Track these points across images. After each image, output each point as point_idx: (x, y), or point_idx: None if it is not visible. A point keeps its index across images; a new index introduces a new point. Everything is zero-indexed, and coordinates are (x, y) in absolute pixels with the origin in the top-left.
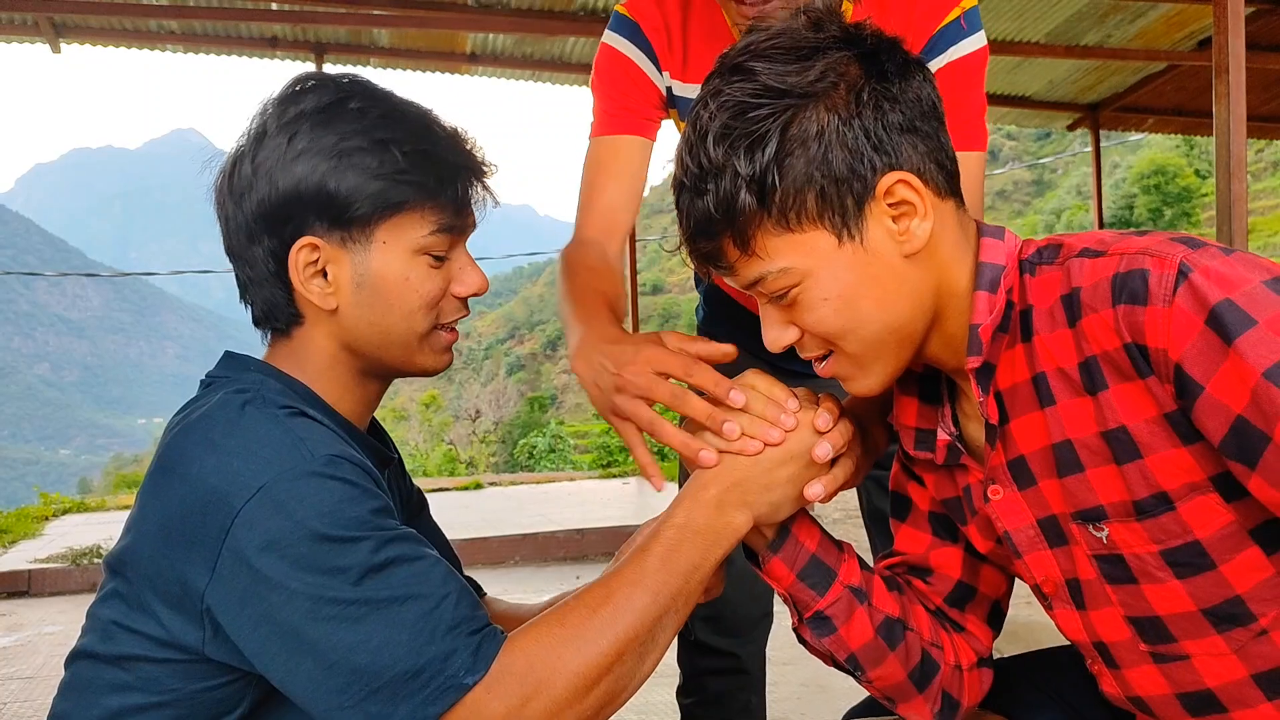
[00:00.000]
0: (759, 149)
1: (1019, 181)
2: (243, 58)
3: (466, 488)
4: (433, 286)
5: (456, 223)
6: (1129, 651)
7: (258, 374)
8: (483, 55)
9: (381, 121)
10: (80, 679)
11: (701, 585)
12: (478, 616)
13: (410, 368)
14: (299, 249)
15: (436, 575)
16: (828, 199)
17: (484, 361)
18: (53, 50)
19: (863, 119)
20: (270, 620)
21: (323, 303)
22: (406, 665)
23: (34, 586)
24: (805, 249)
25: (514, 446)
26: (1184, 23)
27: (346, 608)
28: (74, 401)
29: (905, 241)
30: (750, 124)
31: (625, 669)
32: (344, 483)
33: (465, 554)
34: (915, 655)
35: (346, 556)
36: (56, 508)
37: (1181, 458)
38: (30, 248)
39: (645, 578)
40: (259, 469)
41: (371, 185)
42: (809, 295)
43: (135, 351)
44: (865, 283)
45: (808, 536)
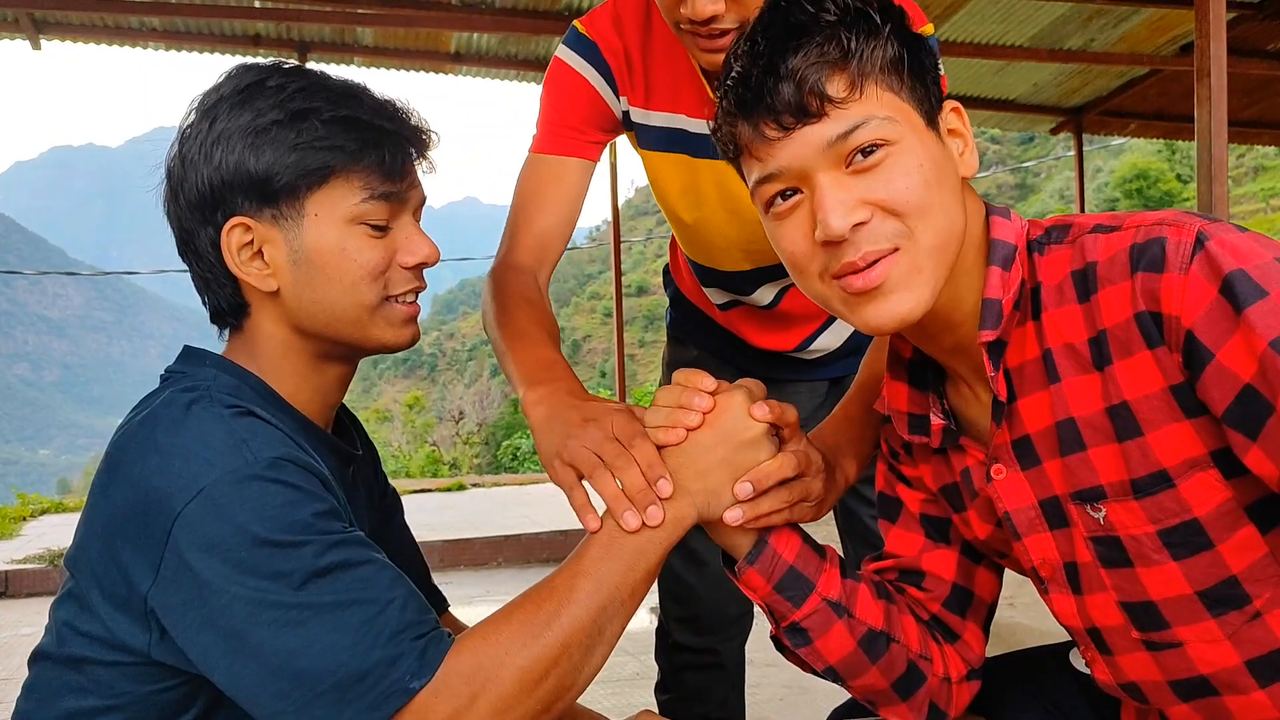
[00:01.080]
0: (882, 18)
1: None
2: (226, 55)
3: (450, 489)
4: (373, 256)
5: (391, 189)
6: (1122, 638)
7: (213, 369)
8: (467, 55)
9: (299, 94)
10: (40, 680)
11: (648, 575)
12: (425, 620)
13: (368, 344)
14: (229, 230)
15: (383, 579)
16: (918, 88)
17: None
18: (33, 46)
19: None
20: (213, 624)
21: (262, 285)
22: (351, 670)
23: (11, 587)
24: (907, 113)
25: (497, 448)
26: (1167, 27)
27: (289, 611)
28: (54, 401)
29: (962, 162)
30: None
31: (572, 662)
32: (286, 486)
33: (448, 555)
34: (900, 667)
35: (289, 561)
36: (35, 508)
37: (1183, 432)
38: (10, 246)
39: (588, 568)
40: (200, 470)
41: (290, 156)
42: (902, 161)
43: (116, 351)
44: (942, 175)
45: (786, 547)
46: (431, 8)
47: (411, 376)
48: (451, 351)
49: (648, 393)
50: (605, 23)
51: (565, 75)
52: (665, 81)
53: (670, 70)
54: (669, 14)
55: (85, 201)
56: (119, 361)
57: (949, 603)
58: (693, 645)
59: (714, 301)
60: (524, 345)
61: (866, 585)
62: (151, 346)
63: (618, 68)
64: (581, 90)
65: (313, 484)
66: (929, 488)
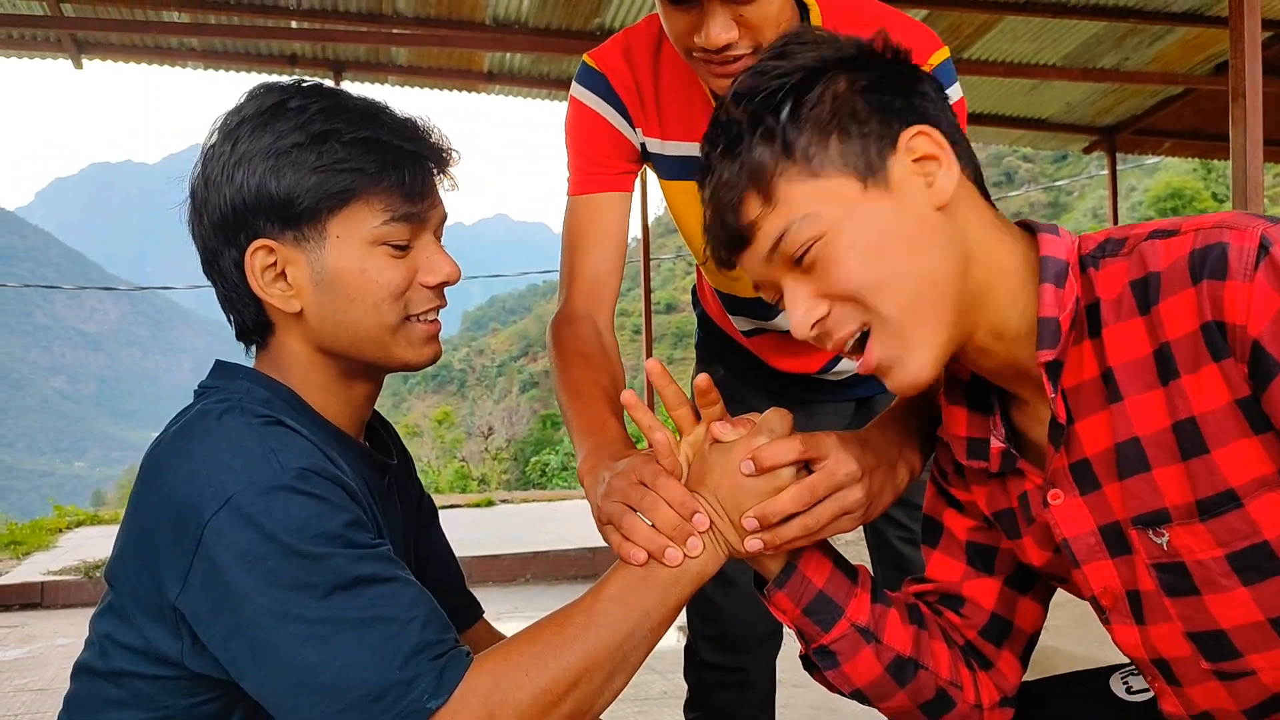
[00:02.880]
0: (782, 99)
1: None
2: (263, 75)
3: (478, 504)
4: (395, 276)
5: (411, 209)
6: (1191, 669)
7: (246, 381)
8: (500, 74)
9: (320, 116)
10: (81, 694)
11: (678, 605)
12: (445, 640)
13: (391, 362)
14: (253, 253)
15: (406, 597)
16: (851, 143)
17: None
18: (75, 66)
19: (884, 84)
20: (240, 633)
21: (286, 305)
22: (370, 687)
23: (47, 598)
24: (829, 195)
25: (526, 464)
26: (1201, 47)
27: (312, 625)
28: (89, 414)
29: (931, 191)
30: (772, 79)
31: (593, 686)
32: (313, 497)
33: (476, 570)
34: (928, 693)
35: (314, 573)
36: (70, 520)
37: (1251, 448)
38: (49, 261)
39: (619, 593)
40: (228, 479)
41: (311, 179)
42: (835, 247)
43: (151, 365)
44: (893, 230)
45: (815, 571)
46: (465, 28)
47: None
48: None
49: None
50: (615, 55)
51: (581, 113)
52: (678, 111)
53: (683, 99)
54: (680, 42)
55: (123, 217)
56: (153, 375)
57: (986, 631)
58: (721, 664)
59: (738, 328)
60: (579, 407)
61: (898, 610)
62: (185, 360)
63: (630, 99)
64: (598, 125)
65: (339, 496)
66: (982, 512)
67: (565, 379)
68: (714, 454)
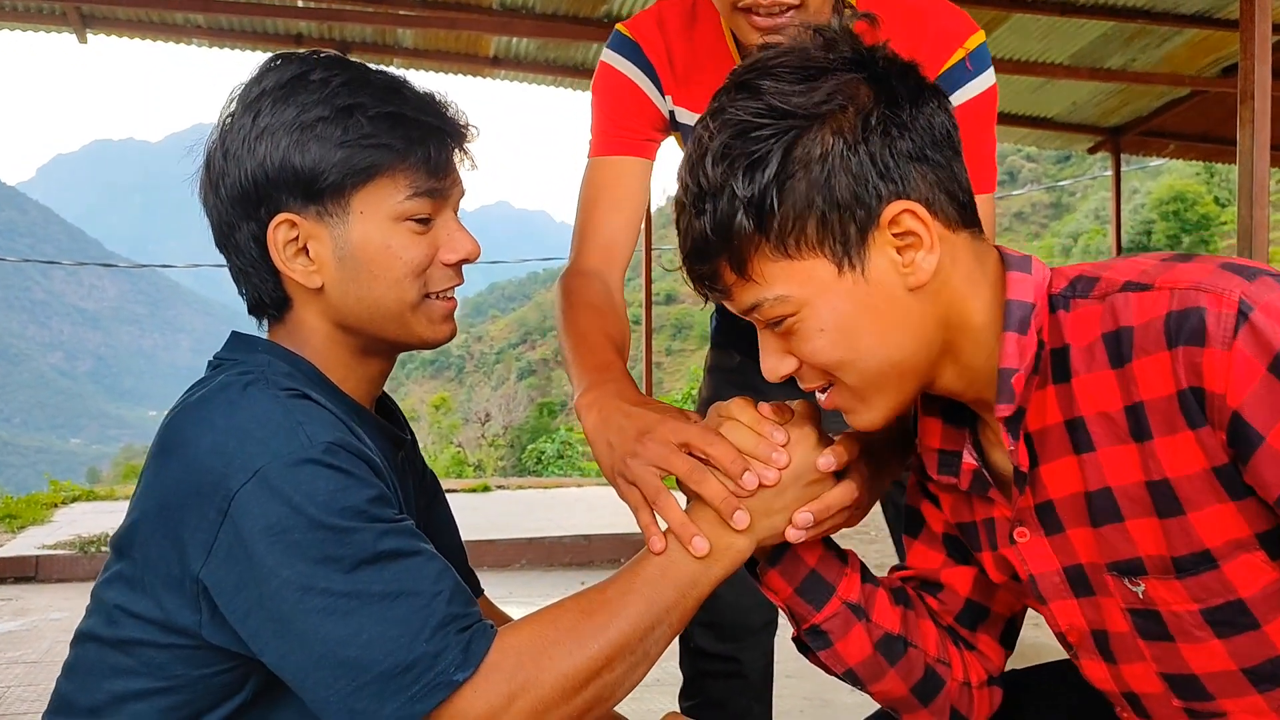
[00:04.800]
0: (759, 170)
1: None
2: (268, 54)
3: (475, 490)
4: (418, 253)
5: (435, 185)
6: (1162, 706)
7: (265, 354)
8: (505, 59)
9: (344, 89)
10: (84, 661)
11: (698, 600)
12: (470, 613)
13: (409, 339)
14: (275, 227)
15: (431, 571)
16: (829, 226)
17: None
18: (79, 40)
19: (869, 145)
20: (263, 607)
21: (307, 281)
22: (396, 660)
23: (41, 572)
24: (803, 277)
25: (522, 451)
26: (1210, 49)
27: (337, 599)
28: (86, 391)
29: (909, 274)
30: (751, 144)
31: (614, 676)
32: (340, 471)
33: (472, 555)
34: (918, 672)
35: (340, 547)
36: (66, 495)
37: (1227, 513)
38: (49, 237)
39: (641, 587)
40: (256, 451)
41: (337, 154)
42: (805, 325)
43: (149, 343)
44: (865, 314)
45: (808, 551)
46: (472, 11)
47: (439, 378)
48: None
49: (675, 401)
50: (649, 24)
51: (611, 77)
52: (709, 81)
53: (714, 70)
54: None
55: (124, 195)
56: (150, 354)
57: (961, 617)
58: (714, 651)
59: None
60: (583, 350)
61: (885, 591)
62: (183, 340)
63: (661, 67)
64: (628, 90)
65: (364, 470)
66: (946, 519)
67: (570, 325)
68: None
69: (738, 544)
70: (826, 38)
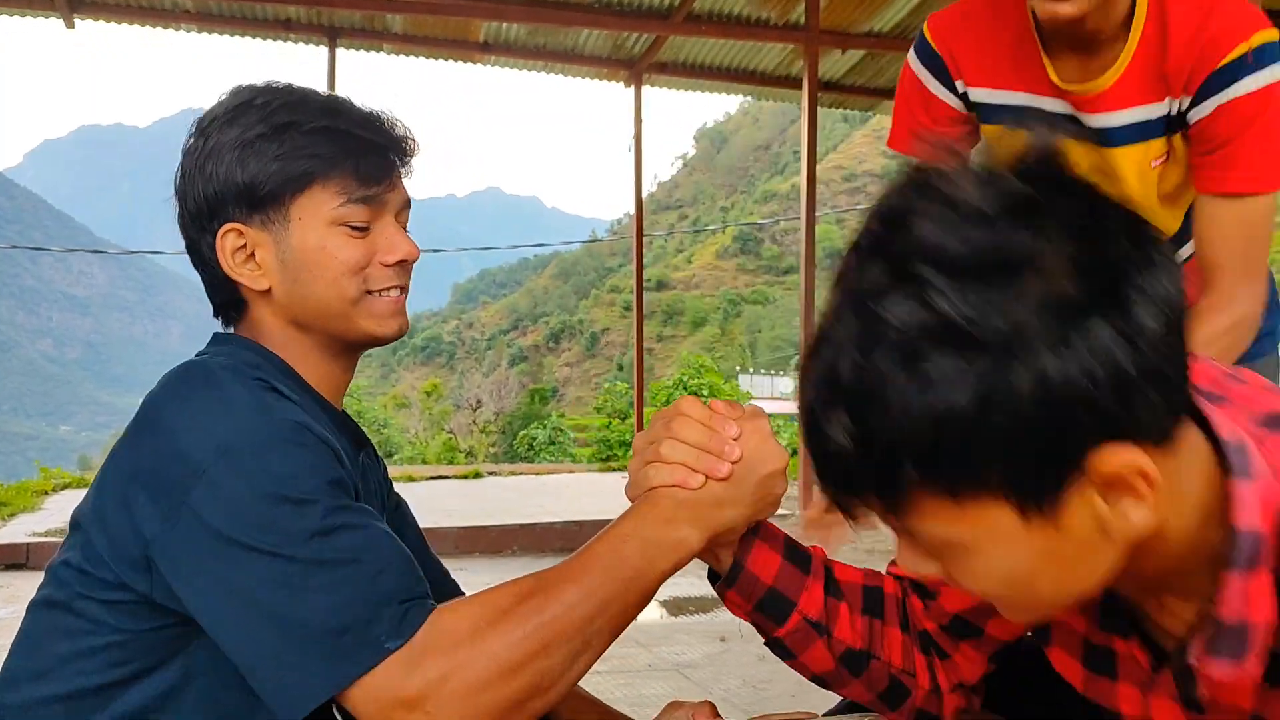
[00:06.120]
0: (926, 409)
1: None
2: (256, 39)
3: (466, 476)
4: (352, 254)
5: (368, 193)
6: None
7: (239, 348)
8: (495, 44)
9: (282, 110)
10: (32, 630)
11: (643, 595)
12: (415, 590)
13: (357, 334)
14: (223, 235)
15: (381, 544)
16: (1017, 474)
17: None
18: (66, 25)
19: (1081, 372)
20: (209, 572)
21: (255, 284)
22: (330, 624)
23: (32, 559)
24: (975, 521)
25: (514, 437)
26: None
27: (285, 564)
28: (76, 378)
29: (1115, 526)
30: (915, 371)
31: (549, 664)
32: (304, 451)
33: (463, 541)
34: (882, 682)
35: (297, 519)
36: (56, 482)
37: None
38: (37, 223)
39: (581, 575)
40: (225, 429)
41: (273, 166)
42: (971, 565)
43: (139, 330)
44: (1047, 563)
45: (763, 568)
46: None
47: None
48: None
49: (665, 386)
50: (950, 16)
51: (904, 75)
52: (1007, 59)
53: (1014, 47)
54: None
55: (113, 181)
56: (141, 341)
57: (945, 627)
58: None
59: None
60: None
61: (850, 600)
62: (174, 327)
63: (949, 57)
64: (915, 89)
65: (328, 454)
66: None
67: None
68: None
69: (687, 538)
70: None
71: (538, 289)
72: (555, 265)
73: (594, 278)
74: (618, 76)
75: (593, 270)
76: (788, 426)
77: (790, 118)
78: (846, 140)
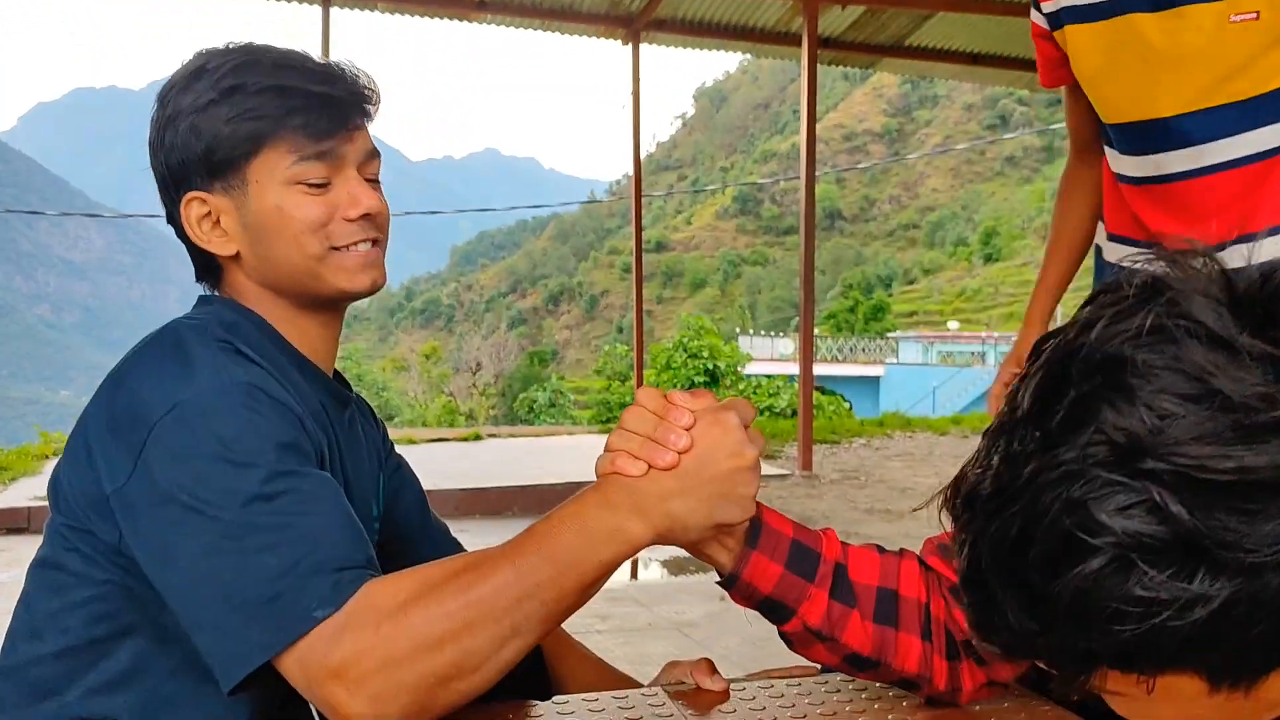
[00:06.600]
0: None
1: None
2: (251, 1)
3: (466, 439)
4: (311, 212)
5: (321, 148)
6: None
7: (218, 308)
8: (492, 3)
9: (231, 73)
10: (29, 587)
11: (581, 584)
12: (353, 557)
13: (329, 291)
14: (186, 204)
15: (322, 511)
16: (1223, 667)
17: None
18: None
19: None
20: (154, 532)
21: (223, 250)
22: (264, 591)
23: (33, 523)
24: (1159, 687)
25: (514, 400)
26: None
27: (226, 527)
28: (74, 343)
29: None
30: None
31: (474, 643)
32: (253, 412)
33: (464, 503)
34: (891, 679)
35: (240, 480)
36: (57, 447)
37: None
38: (32, 187)
39: (515, 556)
40: (179, 387)
41: (224, 130)
42: (1143, 708)
43: (137, 294)
44: (1223, 716)
45: (762, 578)
46: None
47: (429, 327)
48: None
49: (664, 348)
50: None
51: None
52: None
53: None
54: None
55: (107, 144)
56: (139, 305)
57: None
58: None
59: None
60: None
61: (863, 606)
62: (171, 290)
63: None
64: (1036, 31)
65: (281, 415)
66: None
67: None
68: None
69: (627, 527)
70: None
71: (536, 251)
72: (554, 227)
73: (593, 239)
74: (615, 34)
75: (591, 232)
76: (788, 388)
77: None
78: (847, 98)
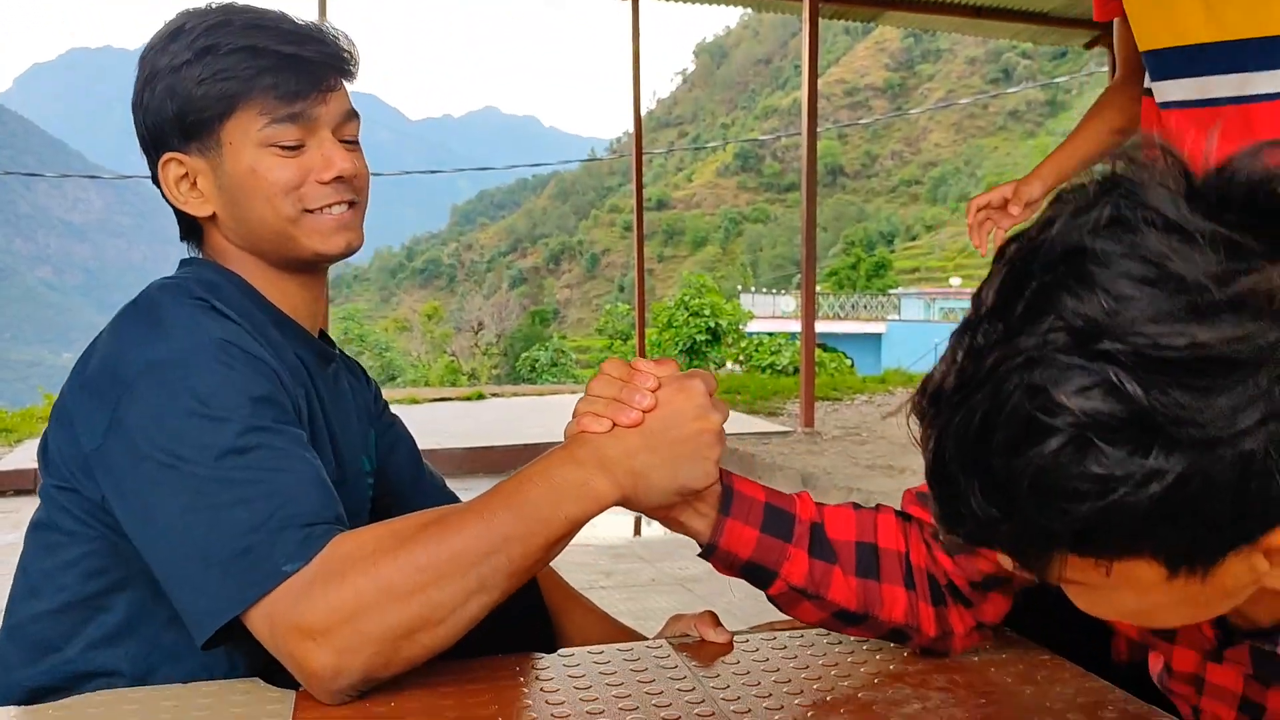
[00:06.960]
0: (1097, 502)
1: (1032, 102)
2: None
3: (468, 398)
4: (284, 174)
5: (294, 110)
6: None
7: (198, 268)
8: None
9: (205, 33)
10: (27, 548)
11: (548, 540)
12: (323, 512)
13: (305, 253)
14: (163, 165)
15: (294, 466)
16: (1181, 548)
17: (486, 274)
18: None
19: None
20: (130, 489)
21: (200, 211)
22: (235, 546)
23: (38, 485)
24: (1115, 573)
25: (516, 359)
26: None
27: (198, 483)
28: (76, 305)
29: (1272, 578)
30: (1092, 463)
31: (441, 596)
32: (226, 367)
33: (467, 462)
34: (882, 631)
35: (209, 435)
36: None
37: None
38: (30, 149)
39: (483, 509)
40: (154, 345)
41: (198, 92)
42: (1098, 600)
43: (138, 255)
44: (1182, 604)
45: (739, 544)
46: None
47: (429, 287)
48: (470, 263)
49: (666, 307)
50: None
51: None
52: None
53: None
54: None
55: (104, 105)
56: (140, 266)
57: (981, 582)
58: None
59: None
60: None
61: (844, 562)
62: (172, 251)
63: None
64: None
65: (255, 369)
66: None
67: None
68: None
69: (593, 483)
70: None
71: (536, 210)
72: (554, 185)
73: (593, 198)
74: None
75: (592, 190)
76: (790, 345)
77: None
78: (849, 53)
